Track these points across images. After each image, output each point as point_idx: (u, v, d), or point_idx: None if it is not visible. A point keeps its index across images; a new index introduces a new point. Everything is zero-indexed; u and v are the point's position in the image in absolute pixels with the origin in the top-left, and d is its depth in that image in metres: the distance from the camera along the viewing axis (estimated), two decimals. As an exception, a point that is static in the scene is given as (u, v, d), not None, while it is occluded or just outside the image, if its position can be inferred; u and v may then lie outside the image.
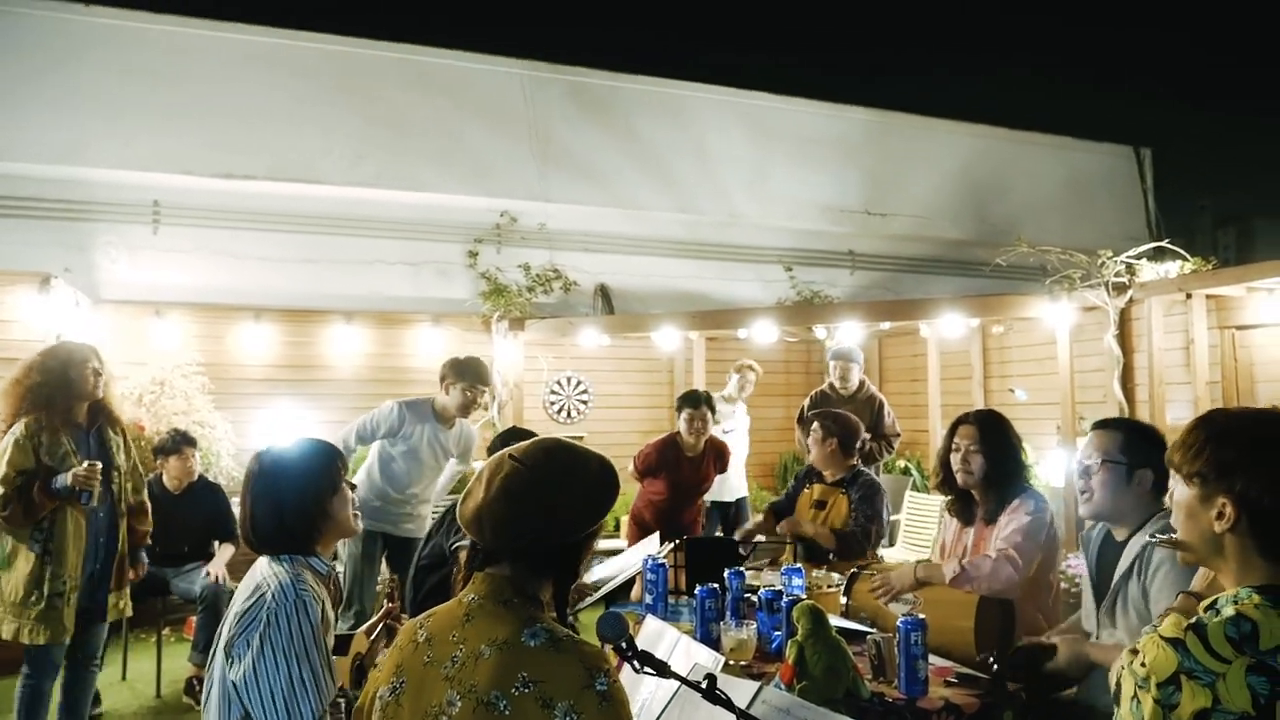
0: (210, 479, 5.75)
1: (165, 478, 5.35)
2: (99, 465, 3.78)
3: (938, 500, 6.60)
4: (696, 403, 5.57)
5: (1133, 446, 2.63)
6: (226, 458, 6.85)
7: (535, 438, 1.82)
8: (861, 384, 6.50)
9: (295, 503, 2.22)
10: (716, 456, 5.72)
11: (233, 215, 7.71)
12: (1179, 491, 1.59)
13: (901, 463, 8.26)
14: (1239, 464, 1.49)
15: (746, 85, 9.48)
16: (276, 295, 7.72)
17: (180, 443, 5.35)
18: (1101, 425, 2.76)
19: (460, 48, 8.59)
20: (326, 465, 2.31)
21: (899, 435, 6.45)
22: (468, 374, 5.02)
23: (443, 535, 3.75)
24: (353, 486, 2.38)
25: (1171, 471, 1.62)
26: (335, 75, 7.99)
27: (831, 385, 6.54)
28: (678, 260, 9.10)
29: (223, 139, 7.48)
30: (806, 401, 6.57)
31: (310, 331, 7.71)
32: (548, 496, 1.65)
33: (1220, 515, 1.49)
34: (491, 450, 3.84)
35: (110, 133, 7.19)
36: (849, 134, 9.77)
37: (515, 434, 3.80)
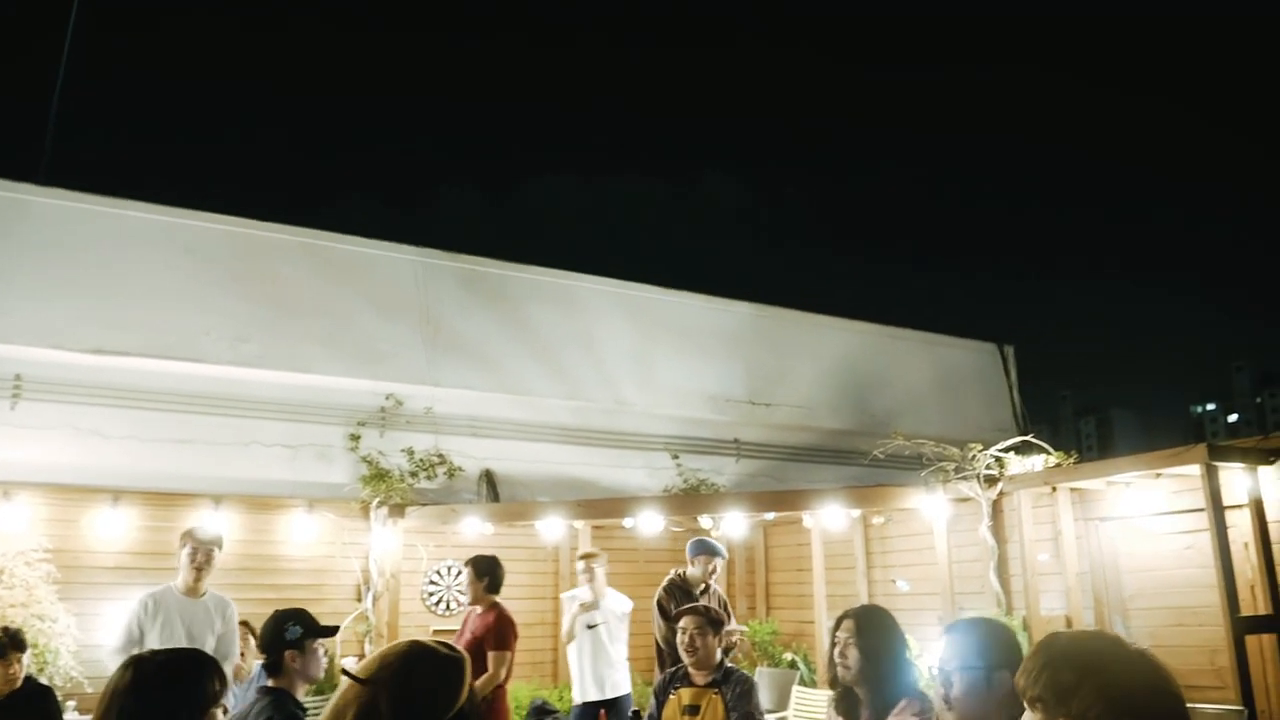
0: (43, 682, 5.23)
1: (-12, 683, 4.82)
2: None
3: (825, 695, 6.48)
4: (466, 564, 5.85)
5: (986, 649, 2.63)
6: (66, 655, 6.27)
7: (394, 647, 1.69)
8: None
9: None
10: (492, 621, 5.63)
11: (101, 392, 7.40)
12: (1026, 714, 1.62)
13: (788, 656, 8.13)
14: (1075, 688, 1.53)
15: (633, 277, 9.83)
16: (140, 476, 7.33)
17: (8, 647, 4.81)
18: (953, 629, 2.77)
19: (354, 233, 8.70)
20: (212, 687, 2.10)
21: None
22: (190, 536, 5.26)
23: None
24: (225, 710, 2.17)
25: None
26: (222, 254, 7.96)
27: (681, 574, 6.37)
28: (565, 446, 9.07)
29: (96, 313, 7.29)
30: (662, 593, 6.29)
31: (173, 516, 7.26)
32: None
33: None
34: (263, 634, 3.58)
35: (-25, 305, 6.93)
36: (732, 326, 10.14)
37: (289, 616, 3.57)
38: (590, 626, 6.57)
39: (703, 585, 6.33)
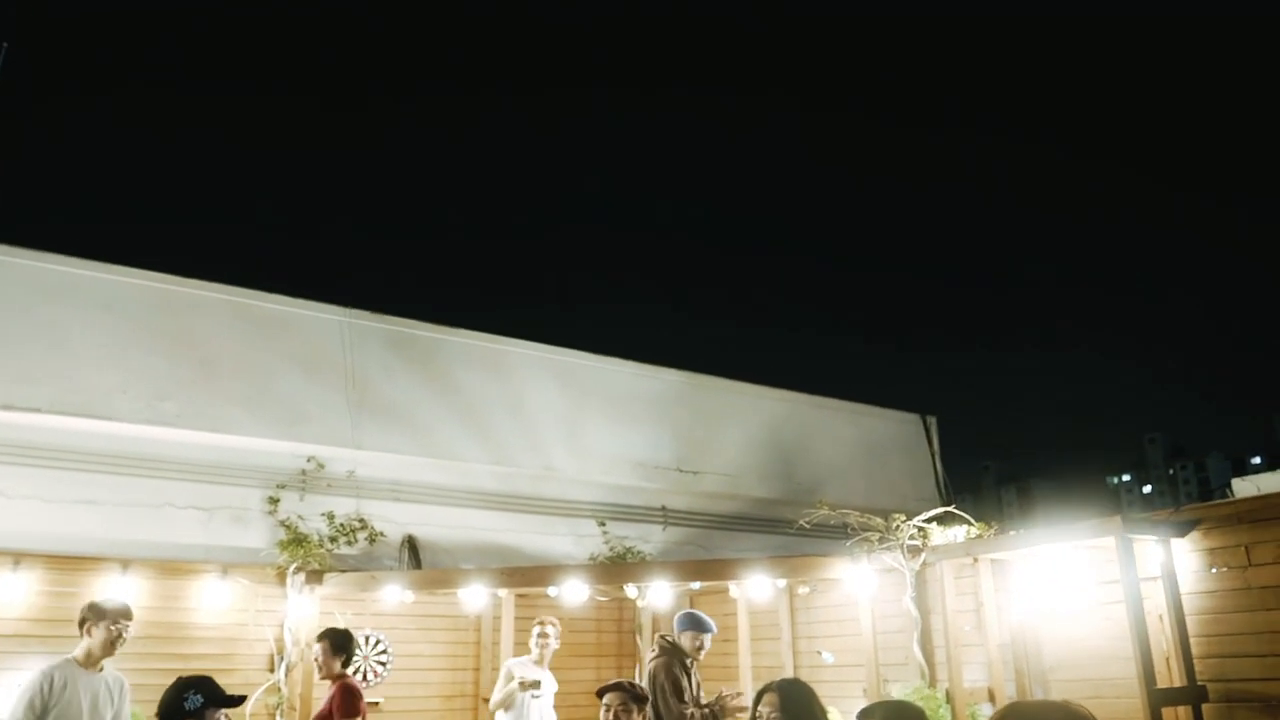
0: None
1: None
2: None
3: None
4: (321, 638, 6.02)
5: None
6: (-48, 730, 5.91)
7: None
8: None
9: None
10: (339, 693, 5.81)
11: (5, 449, 7.09)
12: None
13: (713, 728, 8.02)
14: None
15: (562, 343, 9.83)
16: (44, 539, 7.00)
17: None
18: (863, 715, 2.87)
19: (280, 292, 8.56)
20: None
21: None
22: (110, 610, 5.13)
23: None
24: None
25: None
26: (142, 310, 7.75)
27: (675, 643, 6.37)
28: (490, 513, 8.94)
29: (5, 367, 7.01)
30: (661, 667, 6.15)
31: (78, 581, 6.92)
32: None
33: None
34: (162, 702, 3.48)
35: None
36: (661, 393, 10.17)
37: (191, 684, 3.47)
38: (535, 696, 6.52)
39: (691, 659, 6.35)
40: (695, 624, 6.36)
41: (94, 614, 5.07)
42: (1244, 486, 6.85)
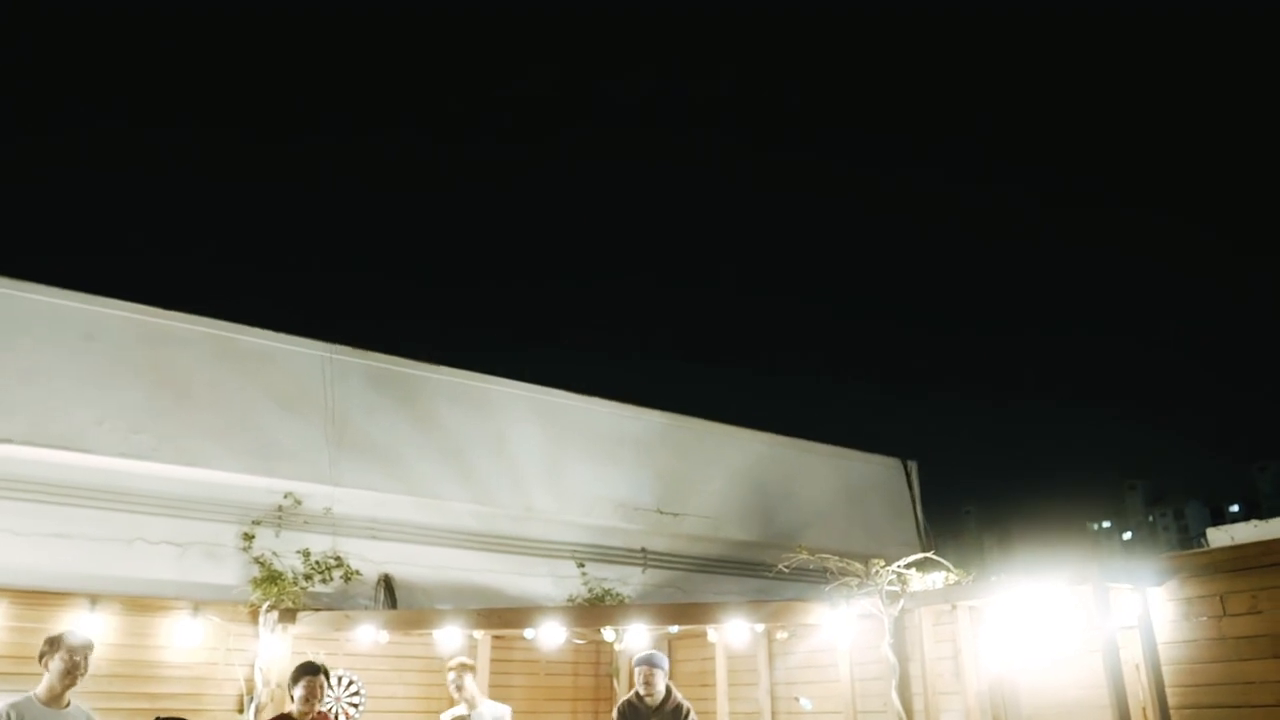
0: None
1: None
2: None
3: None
4: (315, 670, 5.96)
5: None
6: (-90, 770, 5.77)
7: None
8: (668, 691, 6.49)
9: None
10: None
11: (-26, 481, 7.01)
12: None
13: (691, 774, 7.92)
14: None
15: (545, 382, 9.81)
16: (12, 572, 6.89)
17: None
18: None
19: (262, 325, 8.54)
20: None
21: None
22: (62, 641, 5.08)
23: None
24: None
25: None
26: (123, 341, 7.71)
27: (637, 694, 6.49)
28: (469, 552, 8.87)
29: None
30: (615, 713, 6.48)
31: (45, 617, 6.79)
32: None
33: None
34: None
35: None
36: (643, 434, 10.16)
37: None
38: None
39: (659, 699, 6.42)
40: (639, 660, 6.52)
41: (50, 646, 5.02)
42: (1219, 536, 6.88)
